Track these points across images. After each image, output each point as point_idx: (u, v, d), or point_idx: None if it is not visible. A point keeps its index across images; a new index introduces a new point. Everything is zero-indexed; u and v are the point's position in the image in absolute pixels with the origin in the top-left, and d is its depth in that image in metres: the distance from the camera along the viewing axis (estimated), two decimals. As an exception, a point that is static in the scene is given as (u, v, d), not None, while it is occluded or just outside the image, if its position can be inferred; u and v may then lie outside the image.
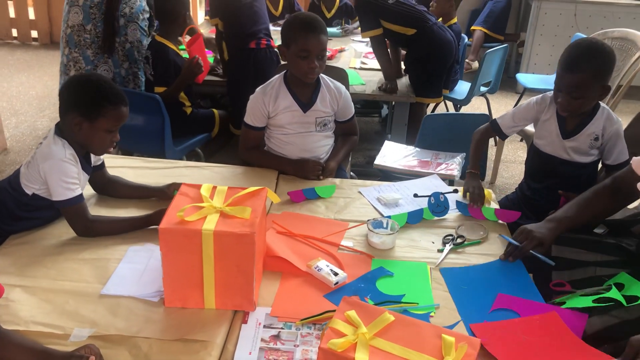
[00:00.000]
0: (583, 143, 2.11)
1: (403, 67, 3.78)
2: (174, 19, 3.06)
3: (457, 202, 2.02)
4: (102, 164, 1.98)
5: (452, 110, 4.76)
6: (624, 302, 1.56)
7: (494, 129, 2.31)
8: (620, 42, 3.33)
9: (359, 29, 3.65)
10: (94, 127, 1.73)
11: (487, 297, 1.58)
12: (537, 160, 2.28)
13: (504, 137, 2.36)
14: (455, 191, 2.14)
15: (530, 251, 1.73)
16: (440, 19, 3.82)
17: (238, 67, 3.38)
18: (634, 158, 1.76)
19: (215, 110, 3.36)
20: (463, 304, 1.55)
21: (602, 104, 2.13)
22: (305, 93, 2.28)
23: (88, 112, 1.71)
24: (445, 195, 2.01)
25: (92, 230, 1.76)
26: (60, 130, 1.77)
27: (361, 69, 3.85)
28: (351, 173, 2.73)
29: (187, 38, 3.13)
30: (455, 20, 4.02)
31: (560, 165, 2.17)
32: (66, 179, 1.71)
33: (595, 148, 2.12)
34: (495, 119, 2.33)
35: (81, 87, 1.76)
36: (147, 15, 3.26)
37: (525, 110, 2.24)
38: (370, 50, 3.84)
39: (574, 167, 2.15)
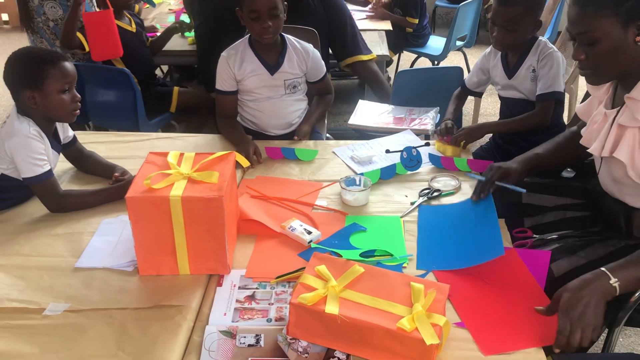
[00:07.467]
0: (525, 78, 2.15)
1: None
2: None
3: (430, 155, 2.02)
4: (74, 139, 1.97)
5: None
6: None
7: (463, 88, 2.40)
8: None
9: None
10: (46, 93, 1.71)
11: (454, 243, 1.59)
12: (502, 107, 2.33)
13: (475, 94, 2.43)
14: (427, 144, 2.15)
15: (501, 184, 1.69)
16: None
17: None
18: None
19: (176, 88, 3.25)
20: (431, 251, 1.57)
21: (541, 37, 2.16)
22: (271, 55, 2.25)
23: (33, 82, 1.69)
24: (418, 149, 2.01)
25: (64, 205, 1.75)
26: (23, 111, 1.75)
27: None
28: (327, 135, 2.72)
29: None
30: None
31: (518, 106, 2.20)
32: (33, 154, 1.70)
33: (536, 80, 2.13)
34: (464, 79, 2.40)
35: (15, 63, 1.74)
36: None
37: (480, 63, 2.31)
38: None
39: (528, 105, 2.17)
